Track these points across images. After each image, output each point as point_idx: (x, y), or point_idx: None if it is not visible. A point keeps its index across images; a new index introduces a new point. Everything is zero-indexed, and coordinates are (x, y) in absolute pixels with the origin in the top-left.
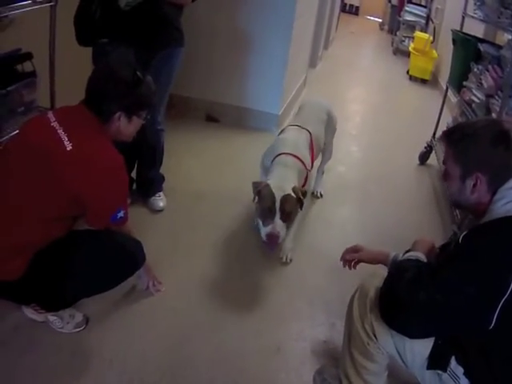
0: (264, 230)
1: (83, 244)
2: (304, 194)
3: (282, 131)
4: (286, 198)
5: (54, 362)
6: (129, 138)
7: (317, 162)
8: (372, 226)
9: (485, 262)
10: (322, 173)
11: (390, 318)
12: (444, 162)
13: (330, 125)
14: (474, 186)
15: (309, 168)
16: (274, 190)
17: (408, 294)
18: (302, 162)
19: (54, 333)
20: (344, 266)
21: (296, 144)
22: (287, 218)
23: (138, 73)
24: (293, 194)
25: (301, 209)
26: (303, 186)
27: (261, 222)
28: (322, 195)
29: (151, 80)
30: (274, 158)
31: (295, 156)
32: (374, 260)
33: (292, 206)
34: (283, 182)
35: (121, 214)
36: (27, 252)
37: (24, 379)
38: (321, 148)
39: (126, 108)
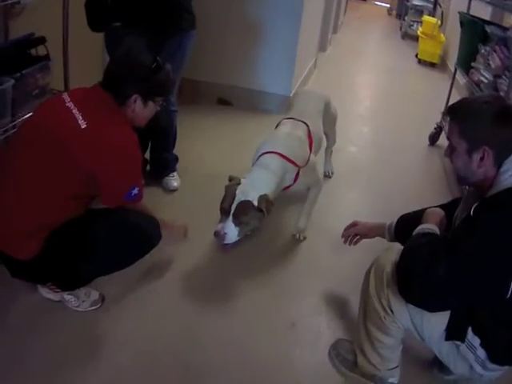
0: (215, 227)
1: (98, 222)
2: (270, 205)
3: (277, 125)
4: (242, 206)
5: (68, 342)
6: (142, 124)
7: (321, 158)
8: (382, 205)
9: (498, 233)
10: (331, 153)
11: (408, 293)
12: (448, 138)
13: (328, 113)
14: (482, 159)
15: (301, 164)
16: (237, 192)
17: (426, 269)
18: (291, 161)
19: (69, 312)
20: (345, 243)
21: (287, 140)
22: (240, 224)
23: (159, 59)
24: (255, 203)
25: (261, 220)
26: (294, 181)
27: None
28: (332, 173)
29: (170, 68)
30: (260, 157)
31: (282, 155)
32: (370, 232)
33: (246, 215)
34: (253, 187)
35: (135, 192)
36: (43, 231)
37: (37, 358)
38: (321, 139)
39: (142, 92)
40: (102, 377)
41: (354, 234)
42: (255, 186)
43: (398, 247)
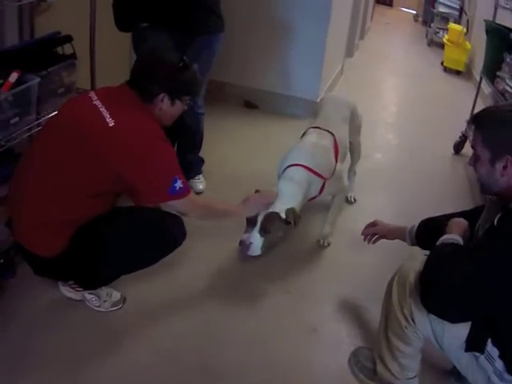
0: (241, 236)
1: (122, 221)
2: (297, 218)
3: (303, 134)
4: (269, 216)
5: (91, 341)
6: (169, 123)
7: (346, 165)
8: (405, 212)
9: None
10: (354, 174)
11: (430, 303)
12: (472, 146)
13: (353, 122)
14: (504, 168)
15: (327, 176)
16: None
17: (447, 279)
18: (316, 173)
19: (90, 311)
20: (364, 240)
21: (311, 151)
22: (267, 234)
23: (185, 58)
24: (282, 215)
25: (287, 232)
26: (320, 193)
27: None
28: (355, 200)
29: (197, 68)
30: (285, 169)
31: (307, 168)
32: (389, 234)
33: (273, 227)
34: (279, 200)
35: (179, 184)
36: (69, 228)
37: (58, 356)
38: (346, 147)
39: (169, 91)
40: (121, 373)
41: (373, 233)
42: (282, 199)
43: (421, 257)
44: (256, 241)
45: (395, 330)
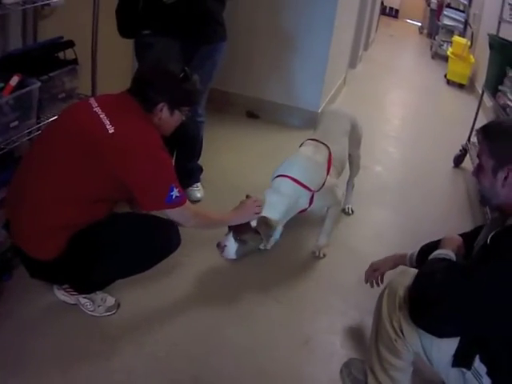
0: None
1: (118, 226)
2: (267, 229)
3: (301, 144)
4: (240, 225)
5: (84, 345)
6: (168, 132)
7: (345, 177)
8: (405, 226)
9: None
10: (352, 187)
11: (419, 318)
12: (478, 156)
13: (354, 135)
14: (505, 178)
15: (315, 189)
16: None
17: (439, 295)
18: (304, 185)
19: (84, 316)
20: (372, 287)
21: (303, 164)
22: (239, 240)
23: (187, 69)
24: (253, 223)
25: (261, 241)
26: (309, 205)
27: None
28: (353, 211)
29: (198, 79)
30: (273, 180)
31: (294, 179)
32: (393, 266)
33: (243, 234)
34: (263, 210)
35: (175, 193)
36: (67, 232)
37: (49, 358)
38: (343, 163)
39: (169, 101)
40: (112, 378)
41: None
42: (265, 208)
43: (412, 271)
44: (230, 245)
45: (385, 343)
